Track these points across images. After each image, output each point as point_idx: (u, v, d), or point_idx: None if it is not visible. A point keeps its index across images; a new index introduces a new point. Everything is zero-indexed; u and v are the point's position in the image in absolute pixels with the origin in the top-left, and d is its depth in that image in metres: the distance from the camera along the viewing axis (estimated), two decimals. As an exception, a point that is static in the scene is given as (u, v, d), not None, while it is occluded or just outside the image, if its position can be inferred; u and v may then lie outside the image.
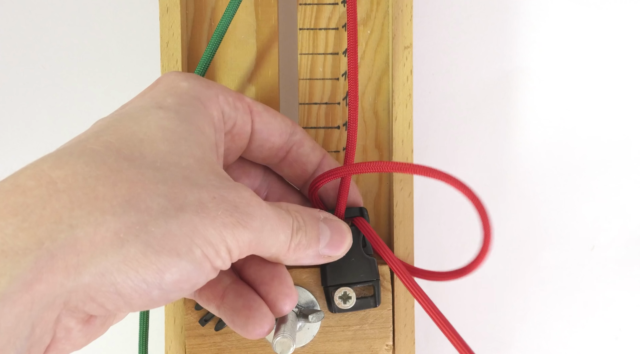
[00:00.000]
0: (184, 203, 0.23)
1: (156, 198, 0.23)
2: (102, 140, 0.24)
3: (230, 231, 0.24)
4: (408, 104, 0.35)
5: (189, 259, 0.23)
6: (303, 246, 0.28)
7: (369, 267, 0.33)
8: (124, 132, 0.24)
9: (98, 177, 0.22)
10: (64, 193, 0.21)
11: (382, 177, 0.36)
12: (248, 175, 0.33)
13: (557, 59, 0.42)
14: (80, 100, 0.41)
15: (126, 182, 0.23)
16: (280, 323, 0.30)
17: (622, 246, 0.42)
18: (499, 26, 0.41)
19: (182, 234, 0.23)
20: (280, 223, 0.27)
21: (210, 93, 0.28)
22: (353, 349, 0.33)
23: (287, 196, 0.34)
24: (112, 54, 0.41)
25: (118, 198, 0.22)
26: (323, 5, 0.35)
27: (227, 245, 0.24)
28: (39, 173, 0.22)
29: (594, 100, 0.42)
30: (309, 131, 0.36)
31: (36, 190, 0.21)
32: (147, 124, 0.25)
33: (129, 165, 0.23)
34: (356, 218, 0.33)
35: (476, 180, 0.42)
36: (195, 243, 0.23)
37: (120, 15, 0.40)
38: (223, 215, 0.24)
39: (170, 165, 0.24)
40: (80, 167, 0.22)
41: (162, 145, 0.24)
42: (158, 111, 0.26)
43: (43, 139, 0.41)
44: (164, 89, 0.27)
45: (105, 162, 0.23)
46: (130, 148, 0.24)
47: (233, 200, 0.25)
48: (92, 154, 0.23)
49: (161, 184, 0.23)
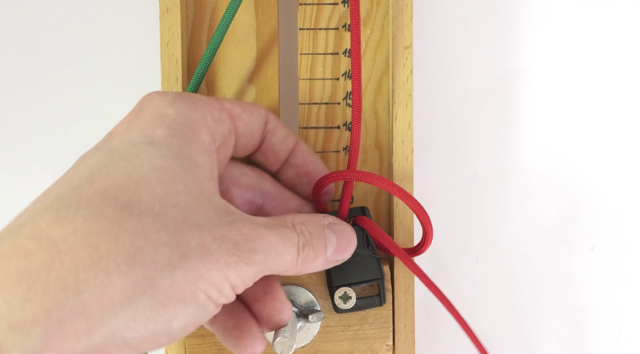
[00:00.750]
0: (187, 249, 0.23)
1: (160, 248, 0.23)
2: (97, 187, 0.23)
3: (234, 270, 0.24)
4: (408, 104, 0.35)
5: (194, 305, 0.24)
6: (311, 258, 0.28)
7: (373, 266, 0.33)
8: (117, 175, 0.24)
9: (99, 233, 0.22)
10: (67, 255, 0.21)
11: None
12: (238, 186, 0.32)
13: (557, 59, 0.42)
14: (80, 100, 0.41)
15: (128, 235, 0.22)
16: (281, 323, 0.30)
17: (622, 246, 0.42)
18: (499, 26, 0.41)
19: (187, 282, 0.23)
20: (285, 245, 0.27)
21: (197, 116, 0.27)
22: (353, 349, 0.33)
23: (286, 203, 0.33)
24: (112, 54, 0.41)
25: (122, 254, 0.22)
26: (323, 5, 0.35)
27: (230, 283, 0.25)
28: (38, 233, 0.21)
29: (594, 100, 0.42)
30: (309, 131, 0.36)
31: (38, 253, 0.21)
32: (141, 164, 0.24)
33: (129, 215, 0.23)
34: (358, 217, 0.33)
35: (476, 179, 0.42)
36: (200, 288, 0.24)
37: (120, 15, 0.40)
38: (225, 255, 0.24)
39: (169, 208, 0.24)
40: (80, 223, 0.22)
41: (158, 187, 0.24)
42: (150, 148, 0.25)
43: (43, 139, 0.41)
44: (151, 118, 0.26)
45: (105, 215, 0.22)
46: (127, 194, 0.23)
47: (234, 238, 0.25)
48: (90, 206, 0.22)
49: (163, 232, 0.23)
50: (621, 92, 0.42)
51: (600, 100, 0.42)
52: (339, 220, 0.31)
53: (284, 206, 0.33)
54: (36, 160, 0.41)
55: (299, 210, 0.33)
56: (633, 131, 0.42)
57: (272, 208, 0.33)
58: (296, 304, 0.33)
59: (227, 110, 0.29)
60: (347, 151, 0.36)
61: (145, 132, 0.26)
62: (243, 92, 0.35)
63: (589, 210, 0.42)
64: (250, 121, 0.30)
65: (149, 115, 0.26)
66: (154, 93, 0.28)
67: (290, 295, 0.33)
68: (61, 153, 0.41)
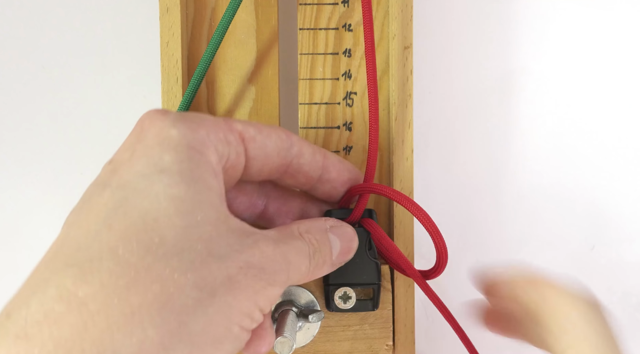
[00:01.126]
0: (215, 285, 0.23)
1: (189, 291, 0.22)
2: (116, 231, 0.22)
3: (262, 294, 0.24)
4: (408, 104, 0.35)
5: (230, 341, 0.23)
6: (320, 265, 0.28)
7: (371, 270, 0.32)
8: (135, 214, 0.23)
9: (128, 286, 0.21)
10: (98, 315, 0.20)
11: (382, 177, 0.36)
12: (245, 192, 0.32)
13: (557, 59, 0.42)
14: (80, 100, 0.41)
15: (157, 283, 0.21)
16: (281, 323, 0.30)
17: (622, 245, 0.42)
18: (499, 26, 0.41)
19: (220, 319, 0.23)
20: (300, 258, 0.27)
21: (201, 136, 0.26)
22: (353, 349, 0.33)
23: (288, 202, 0.33)
24: (112, 54, 0.41)
25: (154, 305, 0.21)
26: (323, 5, 0.35)
27: (259, 307, 0.24)
28: (66, 293, 0.20)
29: (594, 100, 0.42)
30: (309, 131, 0.36)
31: (69, 317, 0.20)
32: (156, 197, 0.23)
33: (154, 259, 0.22)
34: (365, 220, 0.33)
35: (476, 179, 0.42)
36: (233, 322, 0.23)
37: (120, 15, 0.40)
38: (253, 282, 0.24)
39: (192, 241, 0.23)
40: (107, 278, 0.21)
41: (178, 220, 0.23)
42: (161, 177, 0.24)
43: (43, 139, 0.41)
44: (155, 142, 0.25)
45: (130, 263, 0.21)
46: (148, 233, 0.22)
47: (259, 263, 0.24)
48: (113, 256, 0.22)
49: (190, 272, 0.22)
50: (621, 92, 0.42)
51: (600, 100, 0.42)
52: (340, 222, 0.31)
53: (286, 205, 0.33)
54: (36, 160, 0.41)
55: (302, 207, 0.33)
56: (633, 131, 0.42)
57: (275, 208, 0.33)
58: (296, 304, 0.33)
59: (237, 131, 0.28)
60: (347, 151, 0.36)
61: (152, 159, 0.24)
62: (243, 92, 0.35)
63: (589, 210, 0.42)
64: (265, 144, 0.29)
65: (152, 139, 0.25)
66: (155, 113, 0.26)
67: (290, 295, 0.33)
68: (61, 153, 0.41)
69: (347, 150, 0.36)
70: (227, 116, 0.35)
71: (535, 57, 0.41)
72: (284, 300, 0.33)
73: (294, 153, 0.30)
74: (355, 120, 0.36)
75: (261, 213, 0.33)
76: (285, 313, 0.31)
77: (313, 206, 0.33)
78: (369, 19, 0.31)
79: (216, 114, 0.35)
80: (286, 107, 0.38)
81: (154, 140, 0.25)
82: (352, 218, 0.32)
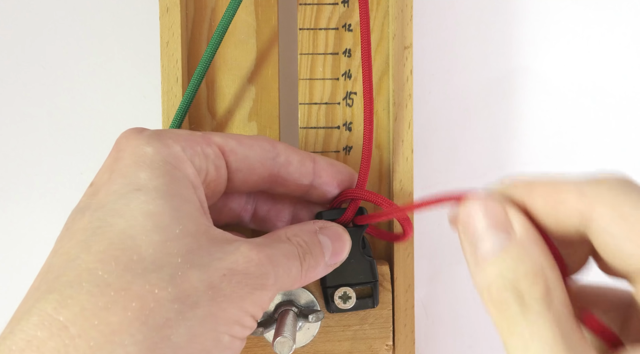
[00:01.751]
0: (197, 297, 0.23)
1: (170, 305, 0.22)
2: (94, 253, 0.22)
3: (250, 300, 0.24)
4: (408, 104, 0.35)
5: (219, 350, 0.23)
6: (313, 267, 0.28)
7: (367, 268, 0.33)
8: (113, 234, 0.23)
9: (107, 307, 0.21)
10: (79, 338, 0.21)
11: (382, 177, 0.36)
12: (233, 199, 0.32)
13: (557, 59, 0.42)
14: (80, 100, 0.41)
15: (137, 300, 0.22)
16: (281, 323, 0.30)
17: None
18: (499, 26, 0.41)
19: (206, 330, 0.23)
20: (289, 260, 0.26)
21: (176, 151, 0.26)
22: (353, 349, 0.33)
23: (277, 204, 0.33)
24: (112, 54, 0.41)
25: (134, 323, 0.21)
26: (323, 5, 0.35)
27: (250, 313, 0.24)
28: (47, 319, 0.21)
29: (594, 100, 0.42)
30: (309, 131, 0.36)
31: (51, 342, 0.20)
32: (132, 215, 0.23)
33: (133, 277, 0.22)
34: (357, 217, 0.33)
35: (476, 180, 0.42)
36: (221, 332, 0.23)
37: (120, 15, 0.40)
38: (238, 289, 0.24)
39: (171, 256, 0.23)
40: (86, 300, 0.21)
41: (156, 235, 0.23)
42: (138, 195, 0.24)
43: (43, 139, 0.41)
44: (131, 161, 0.25)
45: (109, 284, 0.22)
46: (126, 252, 0.22)
47: (243, 269, 0.24)
48: (92, 278, 0.22)
49: (171, 287, 0.22)
50: (621, 92, 0.42)
51: (600, 100, 0.42)
52: (330, 223, 0.31)
53: (275, 208, 0.33)
54: (36, 160, 0.41)
55: (293, 209, 0.33)
56: (632, 130, 0.42)
57: (264, 212, 0.33)
58: (296, 304, 0.33)
59: (216, 144, 0.28)
60: (347, 151, 0.36)
61: (128, 179, 0.25)
62: (243, 92, 0.35)
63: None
64: (247, 155, 0.29)
65: (128, 158, 0.25)
66: (130, 132, 0.27)
67: (290, 295, 0.33)
68: (61, 153, 0.41)
69: (347, 150, 0.36)
70: (227, 116, 0.35)
71: (535, 57, 0.41)
72: (284, 300, 0.33)
73: (280, 162, 0.30)
74: (355, 120, 0.36)
75: (252, 216, 0.33)
76: (285, 313, 0.31)
77: (304, 208, 0.33)
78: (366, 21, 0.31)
79: (216, 114, 0.35)
80: (286, 107, 0.38)
81: (129, 159, 0.25)
82: (344, 219, 0.32)
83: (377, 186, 0.36)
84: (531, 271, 0.20)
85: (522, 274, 0.20)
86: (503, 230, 0.21)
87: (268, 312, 0.32)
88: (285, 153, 0.30)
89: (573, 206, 0.21)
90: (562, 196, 0.21)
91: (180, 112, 0.32)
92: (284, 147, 0.30)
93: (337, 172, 0.31)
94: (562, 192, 0.21)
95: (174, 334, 0.22)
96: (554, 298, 0.20)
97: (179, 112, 0.32)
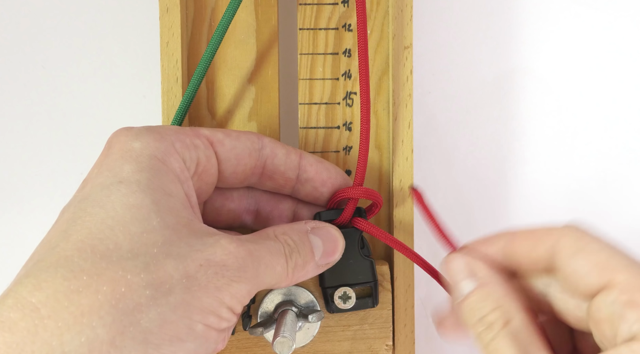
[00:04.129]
0: (171, 284, 0.23)
1: (142, 291, 0.22)
2: (73, 241, 0.23)
3: (227, 292, 0.24)
4: (408, 104, 0.35)
5: (192, 339, 0.23)
6: (300, 266, 0.28)
7: (366, 268, 0.33)
8: (92, 224, 0.24)
9: (79, 290, 0.22)
10: (49, 319, 0.21)
11: (381, 177, 0.36)
12: (232, 199, 0.32)
13: (557, 59, 0.42)
14: (80, 100, 0.41)
15: (109, 285, 0.22)
16: (280, 323, 0.30)
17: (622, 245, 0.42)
18: (499, 26, 0.41)
19: (178, 317, 0.23)
20: (273, 257, 0.27)
21: (165, 145, 0.27)
22: (353, 349, 0.33)
23: (279, 205, 0.33)
24: (112, 53, 0.41)
25: (104, 306, 0.22)
26: (323, 5, 0.35)
27: (226, 305, 0.24)
28: (21, 301, 0.22)
29: (594, 100, 0.42)
30: (309, 131, 0.36)
31: (21, 323, 0.21)
32: (113, 206, 0.24)
33: (107, 264, 0.22)
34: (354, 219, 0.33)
35: (476, 180, 0.42)
36: (194, 320, 0.23)
37: (120, 15, 0.40)
38: (214, 279, 0.24)
39: (148, 246, 0.23)
40: (59, 283, 0.22)
41: (133, 227, 0.24)
42: (119, 187, 0.25)
43: (43, 139, 0.41)
44: (118, 156, 0.26)
45: (83, 269, 0.22)
46: (103, 241, 0.23)
47: (220, 260, 0.24)
48: (68, 264, 0.22)
49: (144, 273, 0.23)
50: (622, 92, 0.42)
51: (600, 100, 0.42)
52: (322, 223, 0.31)
53: (277, 208, 0.33)
54: (36, 160, 0.41)
55: (294, 209, 0.33)
56: (632, 130, 0.42)
57: (267, 212, 0.33)
58: (296, 304, 0.33)
59: (204, 136, 0.29)
60: (347, 151, 0.36)
61: (113, 171, 0.25)
62: (243, 92, 0.35)
63: (590, 210, 0.42)
64: (234, 146, 0.29)
65: (116, 153, 0.26)
66: (121, 130, 0.27)
67: (290, 295, 0.33)
68: (61, 153, 0.41)
69: (347, 150, 0.36)
70: (227, 116, 0.35)
71: (535, 57, 0.41)
72: (284, 300, 0.33)
73: (266, 154, 0.31)
74: (355, 120, 0.36)
75: (255, 218, 0.33)
76: (285, 313, 0.31)
77: (304, 209, 0.33)
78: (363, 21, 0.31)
79: (216, 114, 0.35)
80: (286, 107, 0.38)
81: (117, 154, 0.26)
82: (341, 219, 0.32)
83: (377, 186, 0.36)
84: (492, 306, 0.26)
85: (487, 309, 0.26)
86: (472, 278, 0.28)
87: (268, 312, 0.33)
88: (270, 145, 0.31)
89: (545, 242, 0.27)
90: (537, 234, 0.27)
91: (180, 112, 0.32)
92: (269, 140, 0.31)
93: (324, 169, 0.32)
94: (537, 232, 0.27)
95: (144, 319, 0.22)
96: (514, 324, 0.25)
97: (179, 112, 0.32)
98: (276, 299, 0.33)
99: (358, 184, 0.32)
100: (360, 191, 0.31)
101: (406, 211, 0.34)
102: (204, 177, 0.29)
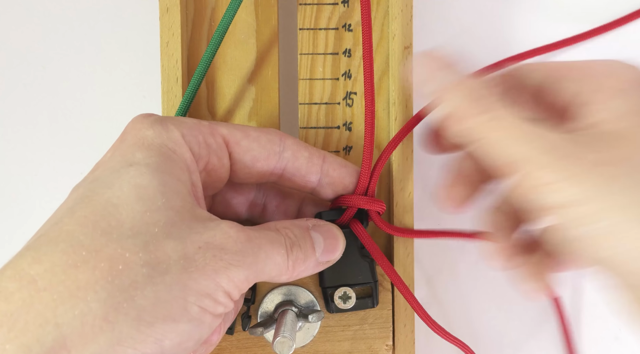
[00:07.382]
0: (169, 264, 0.23)
1: (138, 269, 0.23)
2: (77, 217, 0.23)
3: (224, 275, 0.24)
4: (408, 104, 0.35)
5: (186, 320, 0.23)
6: (301, 260, 0.28)
7: (366, 269, 0.33)
8: (97, 201, 0.24)
9: (77, 265, 0.22)
10: (45, 291, 0.21)
11: (382, 177, 0.36)
12: (241, 192, 0.32)
13: (556, 59, 0.42)
14: (80, 100, 0.41)
15: (106, 261, 0.22)
16: (280, 323, 0.30)
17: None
18: (499, 26, 0.41)
19: (172, 297, 0.23)
20: (273, 247, 0.27)
21: (176, 136, 0.27)
22: (353, 349, 0.33)
23: (286, 200, 0.33)
24: (112, 53, 0.41)
25: (100, 282, 0.22)
26: (323, 5, 0.35)
27: (223, 289, 0.24)
28: (20, 273, 0.22)
29: (594, 100, 0.42)
30: (309, 131, 0.36)
31: (18, 294, 0.21)
32: (120, 186, 0.24)
33: (108, 240, 0.23)
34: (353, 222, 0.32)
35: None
36: (189, 301, 0.23)
37: (120, 15, 0.40)
38: (212, 262, 0.24)
39: (149, 225, 0.24)
40: (58, 257, 0.22)
41: (138, 205, 0.24)
42: (129, 169, 0.25)
43: (43, 139, 0.41)
44: (132, 143, 0.26)
45: (83, 244, 0.22)
46: (106, 218, 0.23)
47: (220, 243, 0.24)
48: (69, 238, 0.23)
49: (142, 252, 0.23)
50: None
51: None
52: (323, 221, 0.31)
53: (284, 203, 0.33)
54: (36, 160, 0.41)
55: (300, 206, 0.33)
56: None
57: (273, 206, 0.33)
58: (296, 304, 0.33)
59: (221, 135, 0.29)
60: (347, 151, 0.36)
61: (125, 157, 0.26)
62: (243, 92, 0.35)
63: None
64: (251, 147, 0.29)
65: (130, 140, 0.27)
66: (138, 117, 0.28)
67: (290, 295, 0.33)
68: (61, 153, 0.41)
69: (347, 150, 0.36)
70: (227, 116, 0.35)
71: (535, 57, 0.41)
72: (284, 300, 0.33)
73: (287, 157, 0.30)
74: (355, 120, 0.36)
75: (262, 211, 0.33)
76: (285, 313, 0.31)
77: (310, 205, 0.33)
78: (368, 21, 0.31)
79: (216, 114, 0.35)
80: (286, 107, 0.38)
81: (131, 140, 0.26)
82: (341, 221, 0.32)
83: (377, 187, 0.36)
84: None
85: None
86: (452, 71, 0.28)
87: (268, 312, 0.33)
88: (293, 147, 0.30)
89: None
90: None
91: (180, 112, 0.32)
92: (292, 142, 0.30)
93: (347, 174, 0.31)
94: None
95: (139, 297, 0.22)
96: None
97: (179, 112, 0.32)
98: (276, 299, 0.33)
99: (360, 193, 0.32)
100: (362, 201, 0.31)
101: (406, 211, 0.34)
102: (214, 175, 0.29)
